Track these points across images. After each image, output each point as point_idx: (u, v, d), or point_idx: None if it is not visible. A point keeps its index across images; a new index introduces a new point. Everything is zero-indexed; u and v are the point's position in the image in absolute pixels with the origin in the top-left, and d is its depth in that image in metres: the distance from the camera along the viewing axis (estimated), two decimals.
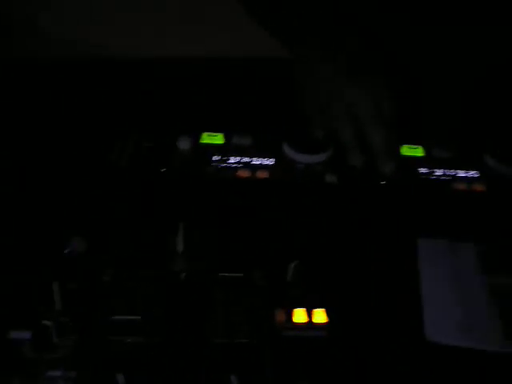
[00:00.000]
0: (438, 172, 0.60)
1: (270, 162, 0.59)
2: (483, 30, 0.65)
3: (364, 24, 0.63)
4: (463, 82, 0.66)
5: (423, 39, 0.65)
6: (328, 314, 0.46)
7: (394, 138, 0.58)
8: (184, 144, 0.58)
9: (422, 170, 0.60)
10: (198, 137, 0.60)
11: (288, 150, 0.59)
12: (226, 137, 0.61)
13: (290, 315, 0.45)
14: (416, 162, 0.61)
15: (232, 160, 0.58)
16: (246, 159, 0.59)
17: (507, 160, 0.60)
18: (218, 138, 0.61)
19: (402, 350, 0.49)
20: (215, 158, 0.58)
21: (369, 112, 0.56)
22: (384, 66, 0.61)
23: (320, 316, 0.46)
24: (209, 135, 0.61)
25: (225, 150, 0.59)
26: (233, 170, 0.57)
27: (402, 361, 0.48)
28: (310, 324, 0.45)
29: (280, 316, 0.45)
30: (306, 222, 0.54)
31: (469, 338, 0.51)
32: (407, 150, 0.62)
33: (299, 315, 0.46)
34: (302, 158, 0.58)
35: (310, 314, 0.46)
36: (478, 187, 0.58)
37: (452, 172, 0.60)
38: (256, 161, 0.59)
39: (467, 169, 0.60)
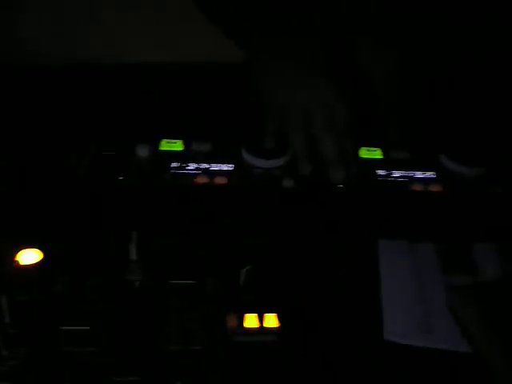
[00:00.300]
0: (396, 174, 0.61)
1: (228, 167, 0.59)
2: (440, 30, 0.65)
3: (321, 25, 0.64)
4: (419, 84, 0.67)
5: (379, 39, 0.66)
6: (280, 318, 0.47)
7: (348, 144, 0.58)
8: (142, 151, 0.59)
9: (381, 172, 0.61)
10: (158, 144, 0.61)
11: (246, 156, 0.60)
12: (186, 143, 0.61)
13: (241, 321, 0.46)
14: (374, 164, 0.61)
15: (191, 166, 0.59)
16: (205, 165, 0.59)
17: (462, 160, 0.61)
18: (177, 145, 0.61)
19: (360, 350, 0.50)
20: (174, 164, 0.59)
21: (323, 117, 0.57)
22: (340, 68, 0.61)
23: (271, 321, 0.47)
24: (168, 142, 0.61)
25: (184, 157, 0.60)
26: (191, 176, 0.58)
27: (359, 361, 0.49)
28: (261, 329, 0.46)
29: (231, 321, 0.46)
30: (262, 226, 0.55)
31: (428, 338, 0.52)
32: (365, 153, 0.62)
33: (250, 320, 0.46)
34: (260, 163, 0.59)
35: (261, 319, 0.47)
36: (435, 188, 0.59)
37: (410, 173, 0.61)
38: (215, 167, 0.59)
39: (424, 170, 0.61)
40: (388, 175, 0.60)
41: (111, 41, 0.79)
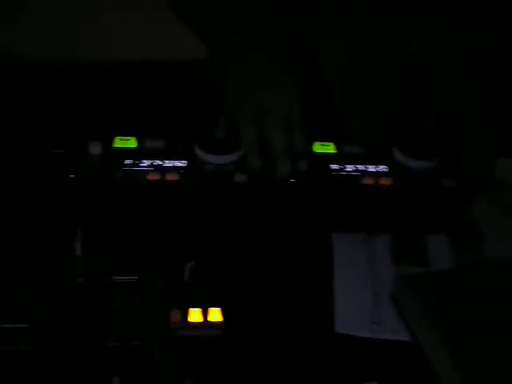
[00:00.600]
0: (349, 168, 0.61)
1: (182, 164, 0.59)
2: (386, 27, 0.66)
3: (276, 24, 0.64)
4: (371, 78, 0.68)
5: (331, 37, 0.66)
6: (224, 312, 0.47)
7: (299, 138, 0.59)
8: (95, 149, 0.59)
9: (334, 167, 0.61)
10: (111, 141, 0.61)
11: (199, 152, 0.60)
12: (139, 140, 0.61)
13: (185, 315, 0.46)
14: (328, 158, 0.62)
15: (144, 163, 0.59)
16: (158, 162, 0.59)
17: (414, 154, 0.61)
18: (130, 142, 0.61)
19: (310, 343, 0.50)
20: (127, 161, 0.59)
21: (274, 113, 0.57)
22: (294, 64, 0.62)
23: (215, 315, 0.47)
24: (121, 139, 0.61)
25: (137, 154, 0.60)
26: (144, 173, 0.58)
27: (309, 354, 0.49)
28: (205, 323, 0.46)
29: (175, 316, 0.46)
30: (213, 222, 0.55)
31: (377, 329, 0.53)
32: (319, 147, 0.63)
33: (194, 315, 0.47)
34: (212, 159, 0.59)
35: (205, 314, 0.47)
36: (385, 181, 0.60)
37: (362, 167, 0.61)
38: (168, 163, 0.59)
39: (378, 164, 0.62)
40: (341, 169, 0.61)
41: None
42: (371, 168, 0.61)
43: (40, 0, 0.81)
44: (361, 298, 0.56)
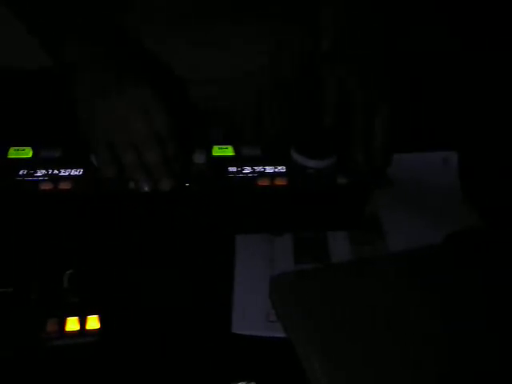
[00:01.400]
0: (247, 170, 0.62)
1: (77, 173, 0.60)
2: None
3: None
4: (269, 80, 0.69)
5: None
6: (102, 320, 0.48)
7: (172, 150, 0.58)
8: None
9: (231, 169, 0.62)
10: (6, 152, 0.61)
11: (94, 160, 0.60)
12: (35, 150, 0.61)
13: (62, 324, 0.47)
14: (226, 161, 0.63)
15: (39, 173, 0.59)
16: (54, 172, 0.59)
17: (309, 154, 0.62)
18: (25, 152, 0.61)
19: (202, 344, 0.51)
20: (22, 172, 0.59)
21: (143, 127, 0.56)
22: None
23: (93, 322, 0.47)
24: (16, 150, 0.61)
25: (33, 164, 0.60)
26: (37, 183, 0.58)
27: (200, 355, 0.50)
28: (82, 331, 0.47)
29: (51, 326, 0.46)
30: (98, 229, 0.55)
31: (274, 327, 0.53)
32: (217, 151, 0.64)
33: (72, 324, 0.47)
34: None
35: (83, 322, 0.47)
36: (281, 181, 0.61)
37: (260, 169, 0.62)
38: (64, 173, 0.59)
39: (276, 165, 0.63)
40: (238, 172, 0.62)
41: None
42: (269, 169, 0.62)
43: None
44: (258, 299, 0.56)
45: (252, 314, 0.55)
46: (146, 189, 0.57)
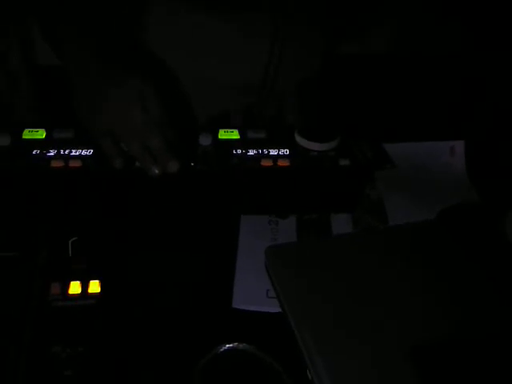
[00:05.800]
0: (251, 152, 0.63)
1: (88, 152, 0.62)
2: None
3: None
4: None
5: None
6: (103, 285, 0.49)
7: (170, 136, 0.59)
8: (3, 141, 0.61)
9: (237, 151, 0.63)
10: (20, 133, 0.64)
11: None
12: (48, 132, 0.64)
13: (65, 288, 0.49)
14: (231, 144, 0.64)
15: (51, 153, 0.61)
16: (66, 152, 0.62)
17: (312, 137, 0.64)
18: (39, 133, 0.64)
19: (202, 318, 0.52)
20: (35, 151, 0.61)
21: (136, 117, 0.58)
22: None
23: (94, 287, 0.49)
24: (30, 131, 0.64)
25: (46, 144, 0.62)
26: (49, 160, 0.60)
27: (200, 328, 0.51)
28: (83, 294, 0.48)
29: (54, 289, 0.48)
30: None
31: (275, 304, 0.54)
32: (223, 134, 0.65)
33: (74, 287, 0.49)
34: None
35: (85, 286, 0.49)
36: (283, 162, 0.62)
37: (264, 151, 0.64)
38: (74, 152, 0.62)
39: (279, 148, 0.64)
40: (243, 154, 0.63)
41: None
42: (273, 152, 0.64)
43: None
44: (261, 275, 0.57)
45: (252, 291, 0.56)
46: (156, 172, 0.59)
